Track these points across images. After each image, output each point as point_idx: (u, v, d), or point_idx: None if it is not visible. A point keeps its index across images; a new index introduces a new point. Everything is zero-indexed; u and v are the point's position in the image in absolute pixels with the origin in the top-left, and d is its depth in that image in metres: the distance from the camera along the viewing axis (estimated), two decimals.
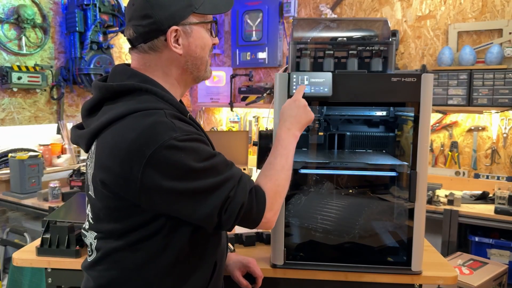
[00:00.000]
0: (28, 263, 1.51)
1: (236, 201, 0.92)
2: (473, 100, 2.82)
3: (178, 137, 0.87)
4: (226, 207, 0.91)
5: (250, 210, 0.95)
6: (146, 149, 0.85)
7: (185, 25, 0.99)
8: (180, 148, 0.87)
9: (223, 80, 3.99)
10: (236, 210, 0.92)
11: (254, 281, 1.28)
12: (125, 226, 0.95)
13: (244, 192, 0.94)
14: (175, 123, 0.89)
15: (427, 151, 1.29)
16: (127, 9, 1.02)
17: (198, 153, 0.90)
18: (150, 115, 0.89)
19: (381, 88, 1.28)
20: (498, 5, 2.91)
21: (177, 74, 1.03)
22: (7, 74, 3.08)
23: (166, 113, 0.91)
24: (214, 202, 0.90)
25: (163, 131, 0.87)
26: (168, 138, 0.86)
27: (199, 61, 1.04)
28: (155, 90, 0.96)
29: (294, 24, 1.55)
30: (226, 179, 0.93)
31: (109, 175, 0.91)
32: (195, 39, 1.01)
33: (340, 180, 1.62)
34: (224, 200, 0.91)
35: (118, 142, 0.89)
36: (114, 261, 0.98)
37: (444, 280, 1.34)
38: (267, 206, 0.98)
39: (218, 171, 0.93)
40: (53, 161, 3.35)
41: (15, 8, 3.20)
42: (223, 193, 0.91)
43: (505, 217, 2.43)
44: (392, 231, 1.52)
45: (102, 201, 0.96)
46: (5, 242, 2.87)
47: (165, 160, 0.86)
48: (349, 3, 3.50)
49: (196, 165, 0.88)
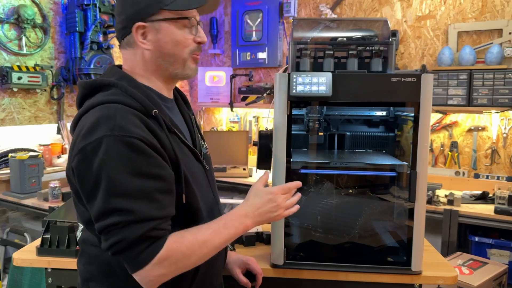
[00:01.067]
0: (28, 263, 1.51)
1: (121, 232, 0.84)
2: (473, 100, 2.82)
3: (113, 135, 0.85)
4: (108, 233, 0.86)
5: (130, 250, 0.86)
6: (81, 143, 0.87)
7: (154, 22, 0.98)
8: (109, 149, 0.85)
9: (223, 80, 3.99)
10: (114, 239, 0.85)
11: (254, 279, 1.28)
12: (85, 219, 0.98)
13: (135, 232, 0.85)
14: (118, 119, 0.87)
15: (427, 151, 1.29)
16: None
17: (124, 162, 0.85)
18: (103, 109, 0.90)
19: (381, 88, 1.28)
20: (498, 5, 2.91)
21: (153, 70, 1.03)
22: (7, 74, 3.08)
23: (119, 107, 0.90)
24: (105, 222, 0.85)
25: (102, 128, 0.86)
26: (102, 136, 0.85)
27: (172, 58, 1.01)
28: (120, 84, 0.96)
29: (294, 24, 1.55)
30: (130, 210, 0.84)
31: (68, 166, 0.95)
32: (164, 36, 0.99)
33: (340, 180, 1.62)
34: (112, 224, 0.85)
35: (73, 137, 0.94)
36: (92, 256, 1.00)
37: (444, 280, 1.34)
38: (153, 262, 0.86)
39: (131, 195, 0.85)
40: (53, 161, 3.36)
41: (15, 8, 3.20)
42: (115, 219, 0.84)
43: (505, 217, 2.43)
44: (392, 231, 1.52)
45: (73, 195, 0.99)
46: (5, 242, 2.87)
47: (90, 156, 0.86)
48: (349, 3, 3.50)
49: (116, 174, 0.84)
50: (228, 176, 3.36)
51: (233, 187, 3.35)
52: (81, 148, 0.87)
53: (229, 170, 3.43)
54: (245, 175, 3.38)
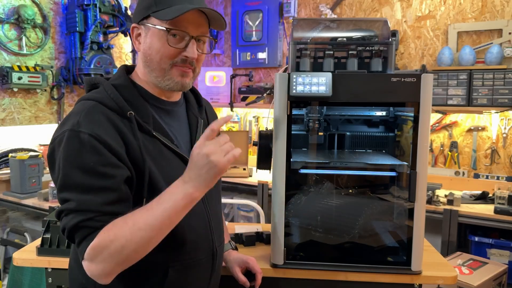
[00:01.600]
0: (29, 263, 1.51)
1: (62, 220, 0.90)
2: (473, 100, 2.82)
3: (72, 130, 0.90)
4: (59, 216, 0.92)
5: (72, 239, 0.90)
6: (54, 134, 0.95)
7: (146, 25, 1.02)
8: (66, 143, 0.90)
9: (223, 80, 3.99)
10: (61, 225, 0.91)
11: (253, 278, 1.28)
12: None
13: (71, 222, 0.87)
14: (82, 116, 0.92)
15: (427, 151, 1.29)
16: None
17: (73, 156, 0.89)
18: (79, 105, 0.98)
19: (381, 88, 1.28)
20: (498, 5, 2.92)
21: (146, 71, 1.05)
22: (7, 74, 3.09)
23: (93, 105, 0.95)
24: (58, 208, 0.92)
25: (69, 122, 0.93)
26: (65, 130, 0.91)
27: (154, 65, 1.01)
28: (106, 84, 1.01)
29: (294, 24, 1.55)
30: (68, 199, 0.88)
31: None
32: (150, 40, 1.01)
33: (340, 180, 1.62)
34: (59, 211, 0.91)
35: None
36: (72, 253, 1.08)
37: (444, 280, 1.34)
38: (86, 256, 0.86)
39: (72, 187, 0.88)
40: None
41: (16, 8, 3.21)
42: (61, 207, 0.90)
43: (505, 217, 2.43)
44: (392, 231, 1.52)
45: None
46: (6, 242, 2.87)
47: (56, 147, 0.93)
48: (349, 3, 3.50)
49: (64, 167, 0.89)
50: (228, 176, 3.36)
51: (233, 187, 3.36)
52: (52, 140, 0.95)
53: (229, 170, 3.42)
54: (245, 175, 3.38)
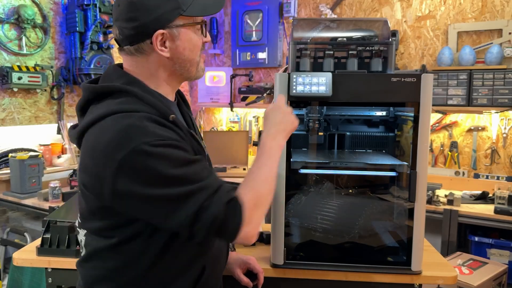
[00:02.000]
0: (29, 263, 1.51)
1: (209, 212, 0.86)
2: (473, 100, 2.82)
3: (150, 142, 0.85)
4: (198, 216, 0.86)
5: (225, 222, 0.88)
6: (117, 154, 0.85)
7: (172, 28, 0.96)
8: (150, 153, 0.85)
9: (223, 80, 3.99)
10: (208, 222, 0.87)
11: (255, 278, 1.29)
12: (107, 227, 0.95)
13: (219, 203, 0.88)
14: (148, 127, 0.87)
15: (427, 151, 1.29)
16: (114, 8, 1.00)
17: (170, 159, 0.87)
18: (124, 118, 0.88)
19: (381, 88, 1.28)
20: (498, 5, 2.92)
21: (165, 76, 1.01)
22: (7, 74, 3.08)
23: (142, 116, 0.89)
24: (187, 211, 0.86)
25: (135, 136, 0.85)
26: (139, 143, 0.84)
27: (188, 63, 1.02)
28: (135, 91, 0.94)
29: (294, 24, 1.55)
30: (201, 188, 0.88)
31: (87, 176, 0.92)
32: (183, 42, 0.98)
33: (340, 180, 1.62)
34: (197, 209, 0.86)
35: (95, 144, 0.89)
36: (99, 260, 0.99)
37: (444, 280, 1.34)
38: (245, 219, 0.90)
39: (193, 178, 0.88)
40: (53, 161, 3.36)
41: (15, 8, 3.21)
42: (197, 202, 0.86)
43: (505, 217, 2.43)
44: (392, 231, 1.52)
45: (85, 201, 0.97)
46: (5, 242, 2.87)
47: (135, 166, 0.85)
48: (349, 3, 3.50)
49: (167, 171, 0.85)
50: (228, 176, 3.35)
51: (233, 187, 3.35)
52: (120, 161, 0.84)
53: (229, 170, 3.43)
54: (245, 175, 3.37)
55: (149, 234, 0.94)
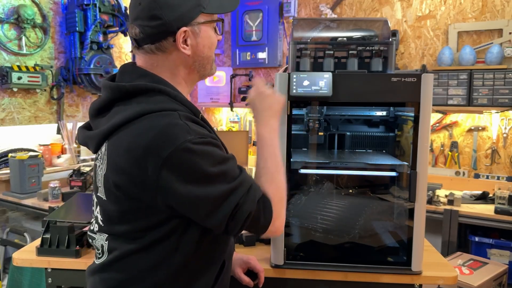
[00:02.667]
0: (28, 263, 1.51)
1: (244, 209, 0.91)
2: (473, 100, 2.82)
3: (193, 140, 0.87)
4: (234, 214, 0.90)
5: (257, 219, 0.94)
6: (162, 151, 0.85)
7: (194, 26, 0.97)
8: (195, 151, 0.87)
9: (223, 80, 3.99)
10: (243, 219, 0.91)
11: (256, 277, 1.28)
12: (139, 228, 0.94)
13: (253, 201, 0.92)
14: (189, 125, 0.89)
15: (427, 151, 1.29)
16: (132, 7, 0.99)
17: (212, 157, 0.90)
18: (165, 117, 0.89)
19: (381, 88, 1.28)
20: (498, 5, 2.91)
21: (185, 74, 1.02)
22: (7, 74, 3.08)
23: (180, 114, 0.90)
24: (226, 209, 0.90)
25: (178, 133, 0.87)
26: (183, 141, 0.86)
27: (206, 60, 1.04)
28: (167, 90, 0.95)
29: (294, 24, 1.55)
30: (238, 185, 0.92)
31: (124, 177, 0.90)
32: (203, 39, 1.00)
33: (340, 180, 1.62)
34: (234, 207, 0.90)
35: (134, 144, 0.88)
36: (127, 263, 0.97)
37: (444, 280, 1.34)
38: (274, 214, 0.96)
39: (231, 176, 0.92)
40: (53, 161, 3.35)
41: (15, 8, 3.20)
42: (234, 200, 0.90)
43: (505, 217, 2.43)
44: (392, 231, 1.52)
45: (115, 203, 0.95)
46: (5, 242, 2.87)
47: (180, 163, 0.86)
48: (349, 3, 3.50)
49: (211, 169, 0.88)
50: None
51: None
52: (165, 158, 0.85)
53: None
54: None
55: (181, 233, 0.94)
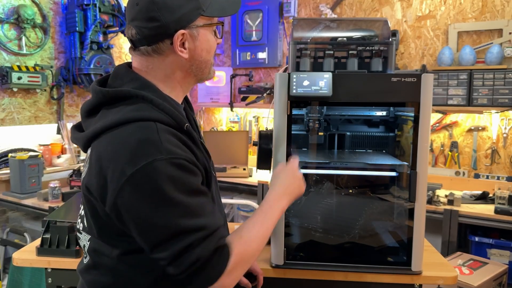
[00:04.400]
0: (28, 263, 1.51)
1: (194, 252, 0.84)
2: (473, 100, 2.82)
3: (163, 159, 0.83)
4: (182, 254, 0.84)
5: (205, 267, 0.86)
6: (128, 167, 0.83)
7: (192, 29, 0.95)
8: (160, 172, 0.83)
9: (223, 80, 3.99)
10: (189, 261, 0.84)
11: (254, 279, 1.28)
12: (113, 233, 0.93)
13: (208, 248, 0.86)
14: (162, 141, 0.85)
15: (427, 151, 1.29)
16: (129, 8, 0.97)
17: (179, 182, 0.85)
18: (141, 130, 0.86)
19: (381, 88, 1.28)
20: (498, 5, 2.91)
21: (181, 78, 1.00)
22: (7, 74, 3.08)
23: (158, 127, 0.87)
24: (174, 246, 0.84)
25: (148, 151, 0.84)
26: (151, 160, 0.83)
27: (204, 64, 1.01)
28: (150, 97, 0.92)
29: (294, 24, 1.55)
30: (198, 227, 0.86)
31: (94, 182, 0.90)
32: (202, 43, 0.98)
33: (340, 180, 1.62)
34: (186, 247, 0.84)
35: (106, 153, 0.88)
36: (107, 267, 0.96)
37: (444, 280, 1.34)
38: (227, 270, 0.88)
39: (196, 213, 0.87)
40: (53, 161, 3.35)
41: (15, 8, 3.20)
42: (189, 240, 0.84)
43: (505, 217, 2.43)
44: (392, 231, 1.52)
45: (88, 206, 0.95)
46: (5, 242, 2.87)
47: (143, 182, 0.83)
48: (349, 3, 3.50)
49: (174, 195, 0.84)
50: (228, 176, 3.36)
51: (233, 187, 3.36)
52: (129, 176, 0.83)
53: (229, 170, 3.43)
54: (245, 175, 3.37)
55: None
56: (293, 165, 1.15)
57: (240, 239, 0.94)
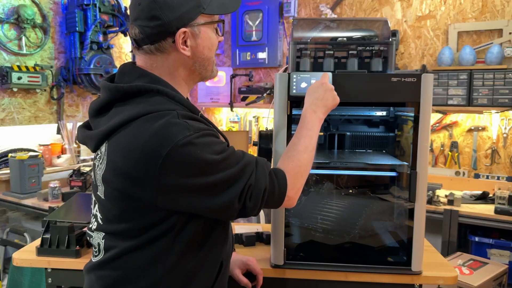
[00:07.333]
0: (28, 263, 1.51)
1: (258, 187, 0.94)
2: (473, 100, 2.82)
3: (192, 135, 0.88)
4: (250, 193, 0.94)
5: (272, 192, 0.98)
6: (161, 150, 0.86)
7: (193, 26, 0.97)
8: (195, 144, 0.88)
9: (223, 80, 3.99)
10: (260, 196, 0.94)
11: (254, 279, 1.28)
12: (137, 226, 0.94)
13: (264, 176, 0.96)
14: (188, 122, 0.90)
15: (427, 151, 1.29)
16: (132, 8, 0.99)
17: (212, 146, 0.91)
18: (163, 117, 0.89)
19: (381, 88, 1.28)
20: (498, 5, 2.91)
21: (184, 75, 1.02)
22: (7, 74, 3.08)
23: (178, 114, 0.91)
24: (234, 191, 0.92)
25: (177, 131, 0.87)
26: (182, 137, 0.87)
27: (206, 62, 1.03)
28: (166, 90, 0.95)
29: (294, 24, 1.55)
30: (244, 166, 0.94)
31: (123, 177, 0.91)
32: (203, 40, 1.00)
33: (340, 180, 1.62)
34: (243, 187, 0.93)
35: (132, 144, 0.89)
36: (123, 261, 0.97)
37: (444, 280, 1.34)
38: (289, 185, 1.01)
39: (235, 160, 0.95)
40: (53, 161, 3.36)
41: (15, 8, 3.20)
42: (243, 181, 0.93)
43: (505, 217, 2.43)
44: (392, 231, 1.52)
45: (114, 202, 0.95)
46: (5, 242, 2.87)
47: (181, 159, 0.87)
48: (349, 3, 3.50)
49: (213, 157, 0.89)
50: None
51: None
52: (165, 156, 0.86)
53: None
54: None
55: (176, 233, 0.94)
56: (323, 79, 1.22)
57: (289, 157, 1.07)
